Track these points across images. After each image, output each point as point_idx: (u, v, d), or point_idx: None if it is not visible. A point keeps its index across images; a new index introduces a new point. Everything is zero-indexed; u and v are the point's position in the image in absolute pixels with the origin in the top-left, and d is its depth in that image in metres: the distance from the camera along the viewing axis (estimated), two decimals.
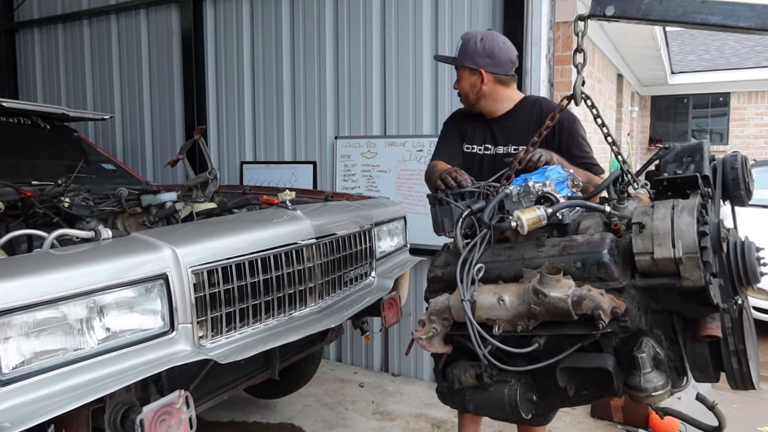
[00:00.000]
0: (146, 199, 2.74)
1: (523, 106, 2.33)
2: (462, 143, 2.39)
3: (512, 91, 2.35)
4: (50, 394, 1.38)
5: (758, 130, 13.26)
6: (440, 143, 2.48)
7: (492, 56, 2.25)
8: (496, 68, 2.26)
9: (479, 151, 2.35)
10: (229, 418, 3.41)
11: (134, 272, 1.59)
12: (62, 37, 5.30)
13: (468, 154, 2.37)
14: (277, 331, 2.00)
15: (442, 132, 2.52)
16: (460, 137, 2.40)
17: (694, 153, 1.45)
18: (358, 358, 4.14)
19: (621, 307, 1.22)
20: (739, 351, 1.27)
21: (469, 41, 2.27)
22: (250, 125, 4.42)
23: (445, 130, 2.50)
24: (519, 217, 1.36)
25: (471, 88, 2.29)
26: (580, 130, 2.27)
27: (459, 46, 2.30)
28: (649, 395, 1.25)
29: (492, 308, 1.34)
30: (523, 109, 2.31)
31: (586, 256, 1.30)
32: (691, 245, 1.17)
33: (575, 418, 3.29)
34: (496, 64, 2.25)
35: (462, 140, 2.40)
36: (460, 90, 2.34)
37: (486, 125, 2.36)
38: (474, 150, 2.36)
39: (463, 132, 2.40)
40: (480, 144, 2.35)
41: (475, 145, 2.36)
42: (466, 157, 2.36)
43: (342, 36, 3.97)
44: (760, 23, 1.34)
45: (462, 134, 2.40)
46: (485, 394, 1.42)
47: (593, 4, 1.51)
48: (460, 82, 2.32)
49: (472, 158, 2.35)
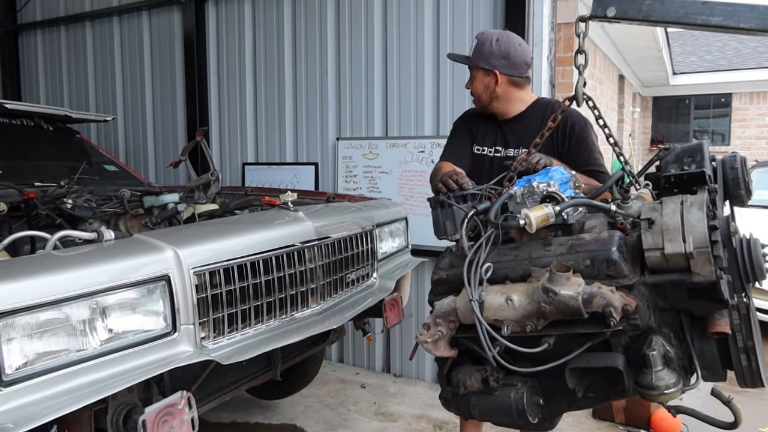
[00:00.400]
0: (148, 200, 2.75)
1: (535, 108, 2.29)
2: (472, 145, 2.36)
3: (525, 93, 2.31)
4: (53, 395, 1.39)
5: (760, 131, 13.24)
6: (449, 144, 2.44)
7: (507, 58, 2.21)
8: (510, 70, 2.22)
9: (489, 153, 2.32)
10: (231, 418, 3.41)
11: (137, 273, 1.59)
12: (65, 38, 5.32)
13: (478, 155, 2.34)
14: (278, 332, 2.01)
15: (452, 132, 2.47)
16: (470, 138, 2.37)
17: (695, 153, 1.45)
18: (359, 359, 4.14)
19: (631, 305, 1.22)
20: (749, 348, 1.26)
21: (484, 41, 2.23)
22: (252, 126, 4.43)
23: (455, 131, 2.46)
24: (527, 215, 1.35)
25: (484, 89, 2.25)
26: (591, 135, 2.22)
27: (474, 45, 2.26)
28: (661, 393, 1.25)
29: (500, 309, 1.32)
30: (535, 112, 2.28)
31: (595, 253, 1.29)
32: (702, 239, 1.17)
33: (577, 419, 3.28)
34: (510, 66, 2.22)
35: (472, 141, 2.36)
36: (473, 90, 2.30)
37: (497, 127, 2.32)
38: (484, 152, 2.33)
39: (473, 133, 2.37)
40: (491, 146, 2.32)
41: (485, 147, 2.33)
42: (476, 158, 2.33)
43: (344, 37, 3.98)
44: (761, 24, 1.34)
45: (473, 135, 2.37)
46: (491, 398, 1.40)
47: (594, 5, 1.51)
48: (473, 82, 2.28)
49: (482, 160, 2.32)
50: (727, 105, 13.71)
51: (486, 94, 2.26)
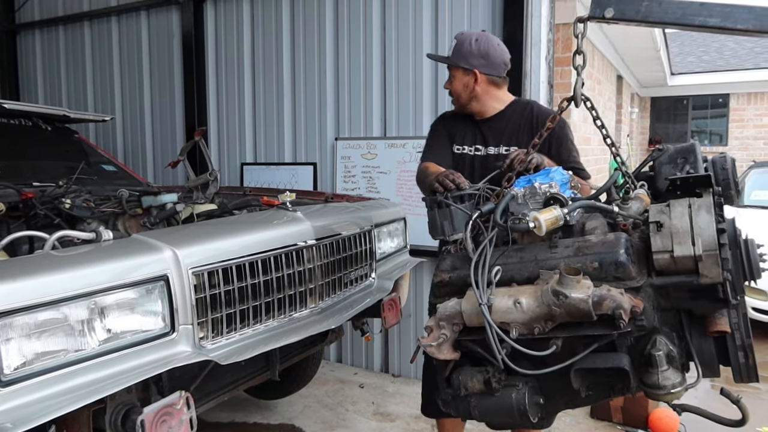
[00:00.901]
0: (147, 200, 2.75)
1: (513, 108, 2.34)
2: (451, 145, 2.39)
3: (504, 93, 2.36)
4: (51, 395, 1.39)
5: (757, 131, 13.27)
6: (429, 145, 2.47)
7: (486, 57, 2.26)
8: (490, 69, 2.27)
9: (470, 152, 2.35)
10: (230, 418, 3.41)
11: (135, 273, 1.59)
12: (63, 38, 5.31)
13: (458, 155, 2.37)
14: (277, 332, 2.01)
15: (430, 134, 2.51)
16: (449, 139, 2.40)
17: (688, 154, 1.48)
18: (358, 359, 4.14)
19: (639, 306, 1.23)
20: (747, 345, 1.29)
21: (464, 42, 2.28)
22: (251, 126, 4.43)
23: (433, 132, 2.50)
24: (536, 218, 1.35)
25: (464, 89, 2.30)
26: (570, 134, 2.30)
27: (453, 46, 2.31)
28: (668, 392, 1.26)
29: (508, 311, 1.32)
30: (513, 111, 2.33)
31: (603, 256, 1.31)
32: (711, 243, 1.20)
33: (575, 418, 3.29)
34: (490, 66, 2.27)
35: (451, 142, 2.39)
36: (452, 90, 2.34)
37: (475, 126, 2.37)
38: (464, 151, 2.36)
39: (452, 134, 2.40)
40: (471, 145, 2.36)
41: (465, 146, 2.36)
42: (456, 158, 2.36)
43: (342, 37, 3.98)
44: (758, 25, 1.35)
45: (451, 136, 2.40)
46: (492, 399, 1.40)
47: (592, 6, 1.52)
48: (452, 82, 2.33)
49: (463, 159, 2.36)
50: (725, 105, 13.74)
51: (465, 93, 2.30)
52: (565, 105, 1.60)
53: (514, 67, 3.38)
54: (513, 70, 3.37)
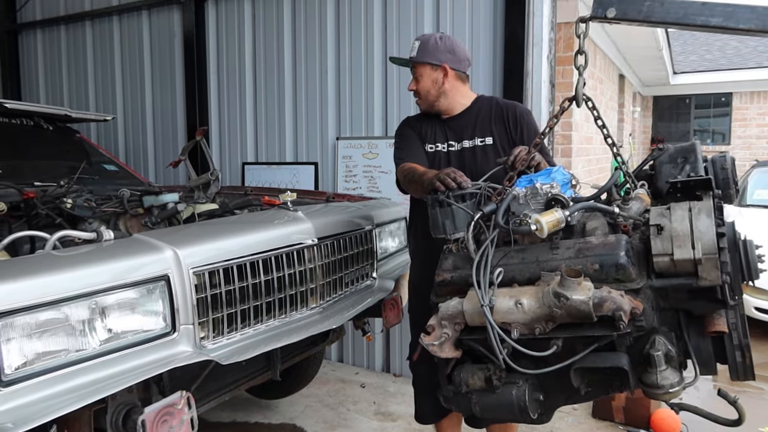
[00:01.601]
0: (148, 200, 2.75)
1: (480, 104, 2.36)
2: (423, 144, 2.38)
3: (468, 90, 2.39)
4: (52, 395, 1.39)
5: (760, 130, 13.24)
6: (400, 148, 2.41)
7: (453, 53, 2.29)
8: (457, 64, 2.30)
9: (443, 149, 2.35)
10: (231, 418, 3.41)
11: (136, 273, 1.59)
12: (65, 38, 5.31)
13: (432, 153, 2.36)
14: (278, 332, 2.01)
15: (399, 138, 2.45)
16: (419, 140, 2.39)
17: (688, 153, 1.48)
18: (359, 358, 4.14)
19: (639, 308, 1.25)
20: (744, 345, 1.30)
21: (428, 40, 2.30)
22: (252, 126, 4.43)
23: (402, 136, 2.44)
24: (538, 220, 1.35)
25: (433, 84, 2.29)
26: (534, 122, 2.36)
27: (416, 46, 2.31)
28: (666, 392, 1.28)
29: (509, 312, 1.33)
30: (481, 105, 2.35)
31: (603, 258, 1.31)
32: (711, 246, 1.21)
33: (577, 418, 3.28)
34: (457, 61, 2.30)
35: (423, 142, 2.38)
36: (419, 89, 2.32)
37: (443, 124, 2.36)
38: (438, 148, 2.36)
39: (422, 134, 2.39)
40: (443, 142, 2.36)
41: (438, 144, 2.36)
42: (431, 156, 2.35)
43: (343, 37, 3.97)
44: (761, 25, 1.35)
45: (421, 136, 2.39)
46: (493, 396, 1.42)
47: (595, 5, 1.51)
48: (419, 80, 2.31)
49: (438, 156, 2.35)
50: (728, 104, 13.71)
51: (435, 89, 2.30)
52: (566, 105, 1.60)
53: (515, 66, 3.40)
54: (514, 70, 3.40)
